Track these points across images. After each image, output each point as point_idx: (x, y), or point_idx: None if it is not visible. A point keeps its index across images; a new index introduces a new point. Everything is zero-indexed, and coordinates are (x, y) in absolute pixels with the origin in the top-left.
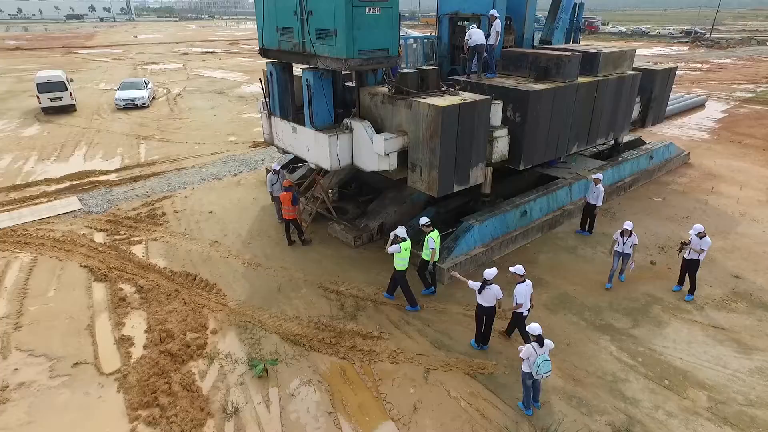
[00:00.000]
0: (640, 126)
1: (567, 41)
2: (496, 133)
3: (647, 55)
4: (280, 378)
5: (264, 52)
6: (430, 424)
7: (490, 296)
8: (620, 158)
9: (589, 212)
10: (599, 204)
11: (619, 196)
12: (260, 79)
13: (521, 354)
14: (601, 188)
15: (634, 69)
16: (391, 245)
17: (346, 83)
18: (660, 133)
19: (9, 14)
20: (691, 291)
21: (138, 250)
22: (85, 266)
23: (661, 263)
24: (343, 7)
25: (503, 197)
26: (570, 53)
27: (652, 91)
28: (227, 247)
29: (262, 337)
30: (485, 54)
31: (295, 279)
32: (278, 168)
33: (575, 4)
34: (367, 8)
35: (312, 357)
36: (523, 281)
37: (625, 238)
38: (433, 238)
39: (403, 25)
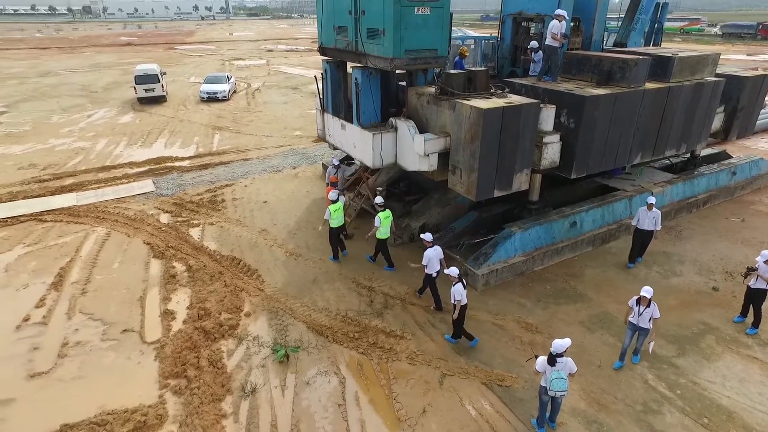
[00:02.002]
0: (723, 138)
1: (647, 44)
2: (547, 139)
3: (756, 60)
4: (299, 365)
5: (322, 50)
6: (435, 429)
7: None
8: (695, 172)
9: (639, 240)
10: (657, 228)
11: (690, 214)
12: (316, 77)
13: (536, 366)
14: (657, 211)
15: (718, 75)
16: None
17: (399, 82)
18: (754, 148)
19: (127, 13)
20: (755, 324)
21: (195, 233)
22: (147, 243)
23: (725, 290)
24: (392, 6)
25: (553, 206)
26: (638, 57)
27: (739, 100)
28: (274, 236)
29: (289, 325)
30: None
31: (331, 272)
32: (338, 163)
33: (658, 3)
34: (416, 8)
35: (333, 349)
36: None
37: (642, 308)
38: (380, 217)
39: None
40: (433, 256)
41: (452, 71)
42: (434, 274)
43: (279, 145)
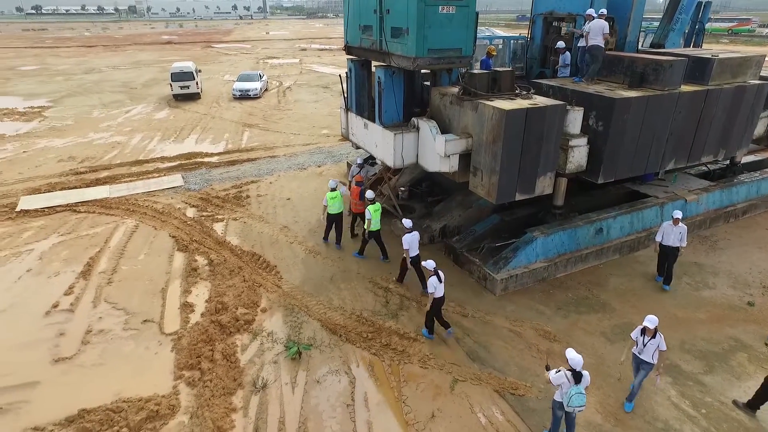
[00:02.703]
0: (766, 145)
1: (687, 45)
2: (573, 142)
3: None
4: (310, 363)
5: (348, 49)
6: None
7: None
8: (734, 180)
9: (664, 256)
10: (683, 245)
11: (727, 223)
12: (340, 76)
13: (551, 379)
14: (683, 226)
15: (763, 78)
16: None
17: (424, 82)
18: None
19: (170, 13)
20: None
21: (218, 227)
22: (173, 236)
23: (761, 305)
24: (416, 5)
25: (579, 211)
26: (674, 58)
27: None
28: (295, 233)
29: (304, 322)
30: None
31: (349, 271)
32: (361, 162)
33: (700, 3)
34: (440, 7)
35: (345, 348)
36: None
37: (646, 339)
38: (369, 210)
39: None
40: (411, 240)
41: (476, 71)
42: (411, 258)
43: (306, 143)
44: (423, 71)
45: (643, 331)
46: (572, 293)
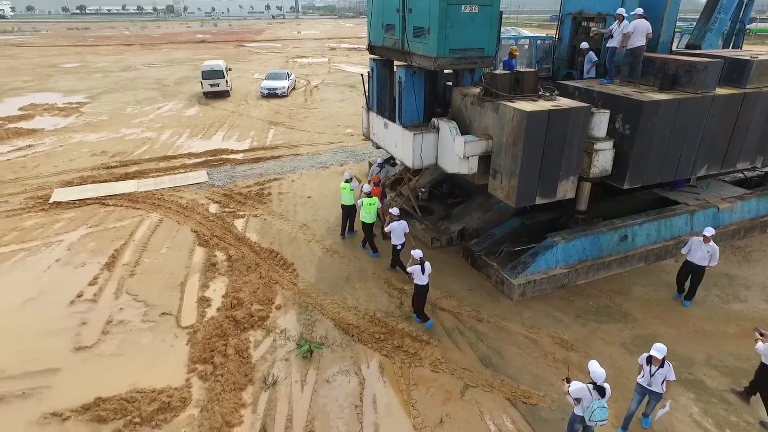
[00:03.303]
0: None
1: (726, 46)
2: (598, 146)
3: None
4: (321, 362)
5: (371, 49)
6: None
7: (427, 275)
8: None
9: (689, 273)
10: (713, 265)
11: (764, 234)
12: (362, 75)
13: (570, 392)
14: (714, 246)
15: None
16: (410, 266)
17: (447, 82)
18: None
19: (205, 12)
20: None
21: (239, 224)
22: (194, 231)
23: None
24: (438, 4)
25: (603, 217)
26: (709, 59)
27: None
28: (313, 232)
29: (317, 321)
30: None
31: (365, 270)
32: (382, 161)
33: (741, 2)
34: (463, 6)
35: (356, 348)
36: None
37: (653, 368)
38: (363, 202)
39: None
40: (397, 227)
41: (498, 71)
42: (399, 246)
43: (330, 141)
44: (446, 71)
45: (650, 359)
46: (593, 301)
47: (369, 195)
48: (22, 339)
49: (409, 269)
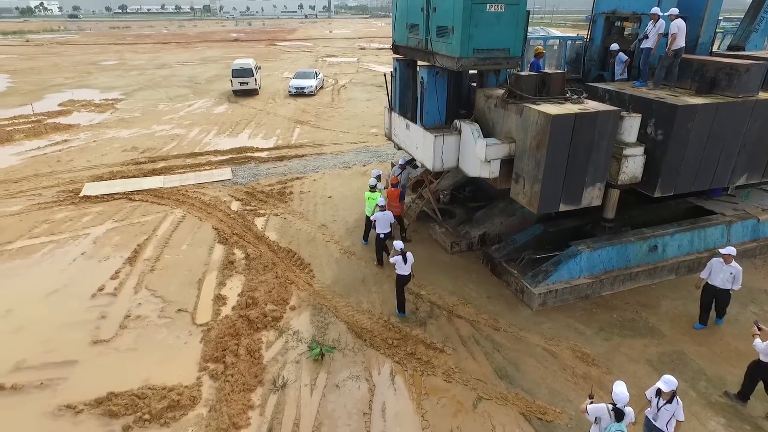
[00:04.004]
0: None
1: None
2: (627, 151)
3: None
4: (332, 366)
5: (395, 48)
6: None
7: (409, 265)
8: None
9: (713, 299)
10: (736, 288)
11: None
12: (385, 75)
13: (588, 411)
14: (737, 266)
15: None
16: (392, 257)
17: (471, 83)
18: None
19: (240, 12)
20: None
21: (259, 222)
22: (215, 228)
23: None
24: (462, 3)
25: (632, 226)
26: (752, 62)
27: None
28: (332, 232)
29: (331, 323)
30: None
31: (381, 273)
32: (403, 163)
33: None
34: (488, 5)
35: (368, 353)
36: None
37: (661, 402)
38: (365, 196)
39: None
40: (381, 218)
41: (523, 73)
42: (382, 235)
43: (354, 141)
44: (471, 72)
45: (658, 393)
46: (617, 314)
47: (383, 209)
48: (45, 330)
49: (391, 260)
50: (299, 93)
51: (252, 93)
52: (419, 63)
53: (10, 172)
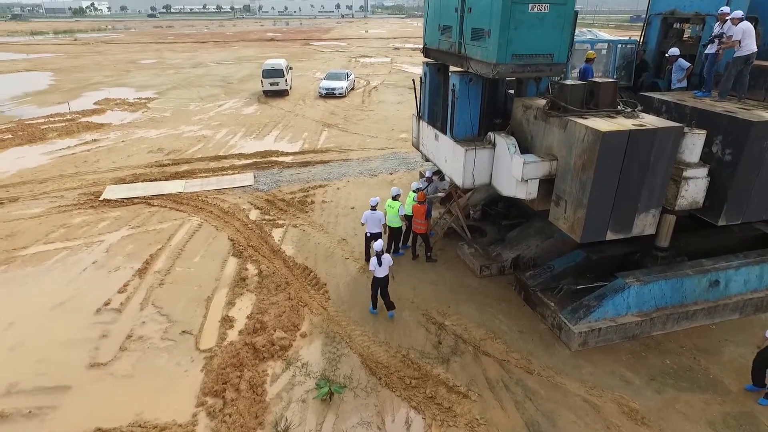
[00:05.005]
0: None
1: None
2: (689, 173)
3: None
4: (341, 408)
5: (425, 51)
6: None
7: (386, 267)
8: None
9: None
10: None
11: None
12: (414, 81)
13: None
14: None
15: None
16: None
17: (509, 90)
18: None
19: (278, 11)
20: None
21: (277, 234)
22: (231, 240)
23: None
24: (501, 3)
25: (689, 255)
26: None
27: None
28: (351, 248)
29: (343, 355)
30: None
31: (403, 299)
32: (430, 175)
33: None
34: (530, 5)
35: (383, 395)
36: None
37: None
38: (387, 204)
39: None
40: (370, 217)
41: (569, 82)
42: (369, 234)
43: (382, 147)
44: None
45: None
46: (671, 360)
47: (395, 198)
48: (44, 347)
49: (371, 267)
50: (330, 94)
51: (282, 94)
52: (451, 68)
53: (37, 171)
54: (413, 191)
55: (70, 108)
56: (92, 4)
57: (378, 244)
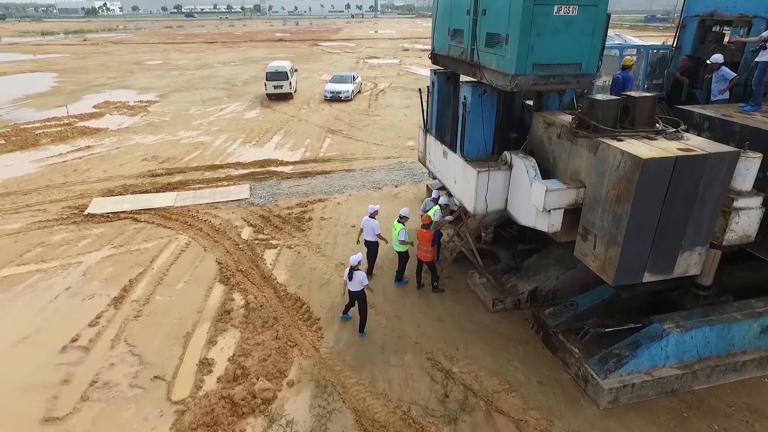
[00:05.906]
0: None
1: None
2: (740, 203)
3: None
4: None
5: (434, 58)
6: None
7: (357, 283)
8: None
9: None
10: None
11: None
12: (420, 90)
13: None
14: None
15: None
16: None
17: (526, 101)
18: None
19: (288, 12)
20: None
21: (269, 257)
22: (219, 263)
23: None
24: (521, 4)
25: (734, 293)
26: None
27: None
28: None
29: (335, 411)
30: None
31: (405, 337)
32: (437, 194)
33: None
34: (556, 7)
35: None
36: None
37: None
38: (394, 226)
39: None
40: (366, 224)
41: (600, 96)
42: (365, 240)
43: (387, 156)
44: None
45: None
46: (719, 422)
47: (404, 243)
48: None
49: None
50: (335, 98)
51: (286, 97)
52: (462, 78)
53: (24, 181)
54: (438, 205)
55: (68, 111)
56: (104, 5)
57: (354, 258)
